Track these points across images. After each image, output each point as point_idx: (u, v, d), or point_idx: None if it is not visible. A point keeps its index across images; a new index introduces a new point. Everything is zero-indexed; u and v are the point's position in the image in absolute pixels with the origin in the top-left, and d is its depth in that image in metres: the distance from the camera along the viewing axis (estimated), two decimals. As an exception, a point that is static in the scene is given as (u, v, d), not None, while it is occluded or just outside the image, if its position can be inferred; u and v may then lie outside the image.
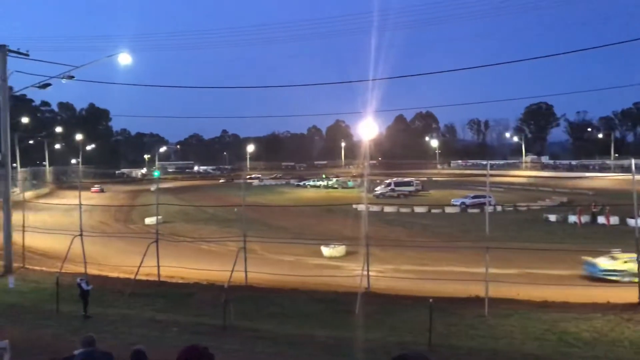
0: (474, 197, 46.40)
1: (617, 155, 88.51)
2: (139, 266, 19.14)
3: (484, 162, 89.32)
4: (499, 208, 42.53)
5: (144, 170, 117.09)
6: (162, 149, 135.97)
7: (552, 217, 38.77)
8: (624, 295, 16.60)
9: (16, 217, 25.15)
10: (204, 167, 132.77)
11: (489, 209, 25.04)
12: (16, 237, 24.34)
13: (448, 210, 46.33)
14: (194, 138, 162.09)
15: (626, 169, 21.41)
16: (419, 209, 46.78)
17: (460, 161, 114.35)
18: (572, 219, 37.55)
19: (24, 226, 25.95)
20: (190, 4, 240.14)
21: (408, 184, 63.91)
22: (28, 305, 17.15)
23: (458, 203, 47.38)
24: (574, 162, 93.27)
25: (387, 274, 21.88)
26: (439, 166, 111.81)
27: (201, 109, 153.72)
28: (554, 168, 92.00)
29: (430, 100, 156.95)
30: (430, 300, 13.20)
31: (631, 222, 20.87)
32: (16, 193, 34.56)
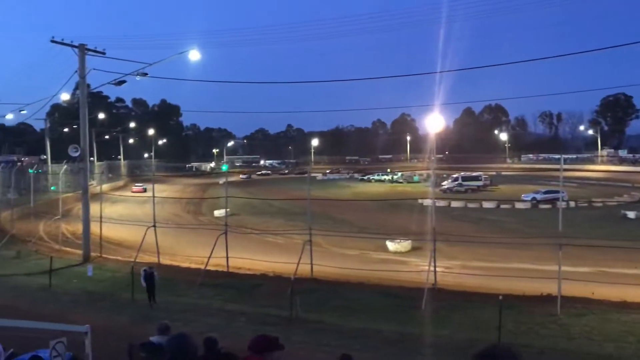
0: (546, 192, 44.80)
1: None
2: (209, 257, 19.69)
3: (557, 156, 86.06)
4: (572, 204, 40.78)
5: (212, 164, 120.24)
6: (230, 144, 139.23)
7: (631, 214, 36.78)
8: None
9: (93, 208, 26.46)
10: (270, 161, 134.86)
11: (562, 204, 24.07)
12: (93, 227, 25.61)
13: (518, 205, 44.90)
14: (260, 132, 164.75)
15: None
16: (487, 205, 45.59)
17: (531, 155, 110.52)
18: (653, 215, 35.52)
19: (101, 217, 27.29)
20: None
21: (476, 178, 62.46)
22: (105, 293, 18.02)
23: (529, 198, 45.85)
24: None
25: (454, 270, 21.48)
26: (508, 160, 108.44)
27: (267, 104, 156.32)
28: (633, 162, 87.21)
29: (500, 92, 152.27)
30: (500, 297, 12.85)
31: None
32: (93, 186, 36.33)
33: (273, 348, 4.69)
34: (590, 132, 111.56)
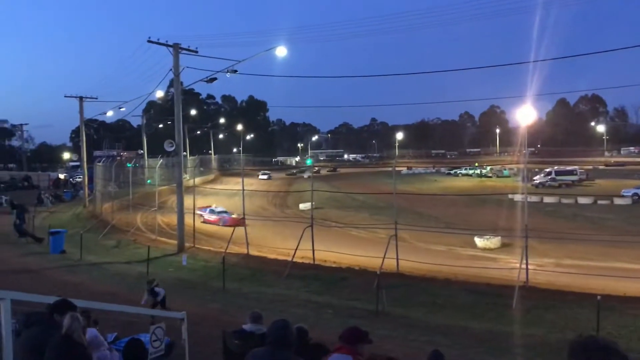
0: (649, 187, 41.84)
1: None
2: (296, 249, 20.07)
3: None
4: (679, 200, 37.87)
5: (297, 159, 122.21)
6: (314, 138, 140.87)
7: None
8: None
9: (187, 201, 27.70)
10: (353, 155, 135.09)
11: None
12: (187, 219, 26.80)
13: (617, 201, 42.20)
14: (344, 127, 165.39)
15: None
16: (583, 200, 43.22)
17: (632, 148, 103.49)
18: None
19: (194, 209, 28.53)
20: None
21: (571, 172, 59.36)
22: (198, 281, 18.83)
23: (629, 194, 42.99)
24: None
25: (546, 268, 20.59)
26: (606, 153, 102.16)
27: (351, 98, 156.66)
28: None
29: (597, 82, 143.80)
30: (598, 297, 12.18)
31: None
32: (186, 179, 37.99)
33: (364, 341, 4.75)
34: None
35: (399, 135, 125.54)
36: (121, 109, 41.98)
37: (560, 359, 2.70)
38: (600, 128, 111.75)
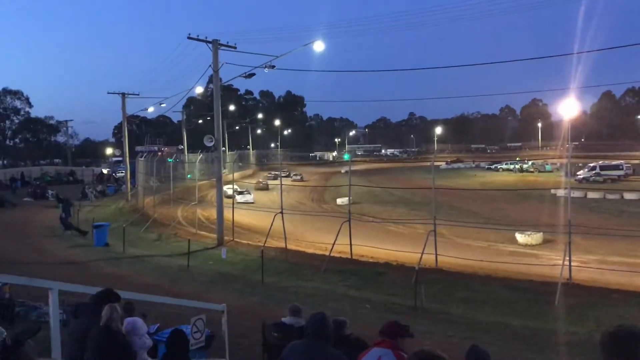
0: (700, 182, 40.19)
1: None
2: (333, 243, 20.10)
3: None
4: None
5: (334, 153, 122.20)
6: (351, 133, 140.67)
7: None
8: None
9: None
10: (391, 150, 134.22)
11: None
12: (226, 213, 27.14)
13: (666, 197, 40.80)
14: (382, 121, 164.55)
15: None
16: (629, 196, 41.87)
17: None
18: None
19: (233, 203, 28.88)
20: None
21: (616, 167, 57.58)
22: (237, 275, 19.06)
23: (679, 189, 41.49)
24: None
25: (590, 265, 20.03)
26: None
27: (389, 92, 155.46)
28: None
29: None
30: (646, 296, 11.82)
31: None
32: (225, 174, 38.43)
33: (404, 334, 4.73)
34: None
35: (438, 130, 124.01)
36: (162, 105, 42.82)
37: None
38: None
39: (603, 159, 63.37)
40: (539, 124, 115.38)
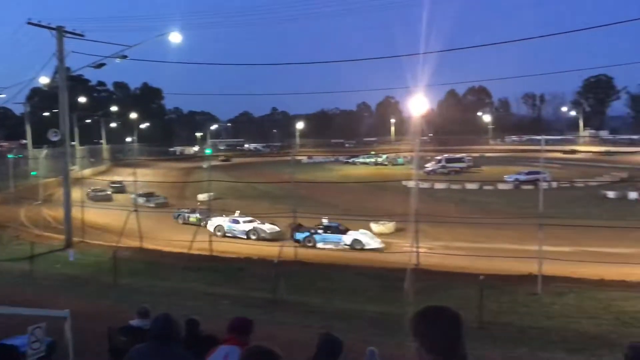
0: (528, 173, 45.13)
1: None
2: (192, 241, 19.65)
3: (539, 138, 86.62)
4: (554, 184, 41.22)
5: (196, 148, 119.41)
6: (213, 127, 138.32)
7: (611, 194, 37.33)
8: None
9: (75, 193, 26.21)
10: (254, 145, 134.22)
11: (543, 185, 24.30)
12: (76, 212, 25.36)
13: (501, 186, 45.31)
14: (244, 116, 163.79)
15: None
16: (470, 186, 45.95)
17: (514, 137, 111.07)
18: (633, 195, 36.08)
19: (82, 202, 27.05)
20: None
21: (459, 160, 62.86)
22: (88, 278, 17.90)
23: (511, 179, 46.31)
24: (635, 137, 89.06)
25: (437, 250, 21.69)
26: (491, 142, 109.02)
27: (252, 87, 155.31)
28: (614, 143, 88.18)
29: (483, 73, 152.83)
30: (481, 277, 12.99)
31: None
32: (75, 170, 35.92)
33: (248, 327, 4.72)
34: (573, 113, 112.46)
35: (300, 125, 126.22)
36: (0, 96, 38.87)
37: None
38: (486, 118, 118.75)
39: (448, 152, 68.70)
40: (392, 120, 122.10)
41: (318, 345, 5.31)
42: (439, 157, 62.57)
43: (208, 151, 76.64)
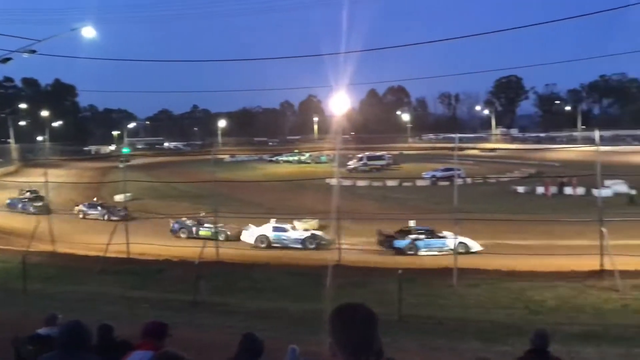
0: (445, 169, 46.78)
1: (583, 127, 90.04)
2: (108, 243, 18.93)
3: (454, 136, 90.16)
4: (468, 180, 43.05)
5: (112, 147, 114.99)
6: (131, 125, 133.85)
7: (521, 189, 39.46)
8: (587, 263, 17.09)
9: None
10: (175, 144, 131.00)
11: (458, 181, 25.33)
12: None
13: (419, 183, 46.76)
14: (164, 114, 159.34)
15: (592, 141, 22.26)
16: (390, 183, 47.07)
17: (431, 135, 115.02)
18: (540, 190, 38.31)
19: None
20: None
21: (380, 157, 64.31)
22: (-6, 285, 16.83)
23: (429, 176, 47.87)
24: (542, 135, 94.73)
25: (358, 246, 22.07)
26: (410, 140, 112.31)
27: (171, 84, 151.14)
28: (523, 140, 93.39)
29: (402, 73, 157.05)
30: (399, 271, 13.37)
31: (596, 192, 21.47)
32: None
33: (166, 334, 4.61)
34: (486, 112, 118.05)
35: (222, 123, 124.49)
36: None
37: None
38: (405, 117, 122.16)
39: (370, 150, 70.07)
40: (315, 119, 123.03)
41: (239, 346, 5.28)
42: (360, 155, 63.70)
43: (125, 150, 74.13)
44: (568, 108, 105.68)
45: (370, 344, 2.31)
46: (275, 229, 24.10)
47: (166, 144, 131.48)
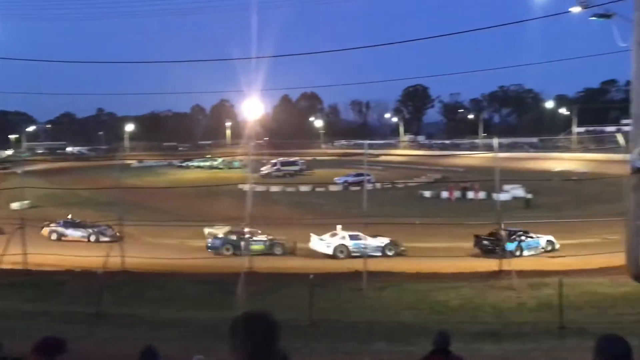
0: (356, 175, 47.73)
1: (485, 134, 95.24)
2: (2, 254, 17.72)
3: (364, 142, 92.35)
4: (378, 185, 44.22)
5: (9, 152, 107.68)
6: (30, 129, 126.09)
7: (427, 193, 41.09)
8: (488, 264, 18.09)
9: None
10: (78, 148, 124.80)
11: (368, 186, 25.97)
12: None
13: (332, 188, 47.42)
14: (66, 117, 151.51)
15: (492, 148, 23.78)
16: (303, 188, 47.45)
17: (343, 141, 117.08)
18: (445, 194, 40.06)
19: None
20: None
21: (293, 163, 64.69)
22: None
23: (341, 181, 48.66)
24: (447, 142, 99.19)
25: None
26: (323, 146, 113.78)
27: (74, 86, 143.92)
28: (429, 147, 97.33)
29: (314, 80, 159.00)
30: (311, 276, 13.49)
31: (495, 196, 22.86)
32: None
33: (62, 350, 4.37)
34: (395, 119, 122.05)
35: (129, 127, 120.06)
36: None
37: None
38: (318, 123, 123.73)
39: (283, 156, 70.27)
40: (228, 124, 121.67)
41: (138, 358, 5.14)
42: (274, 161, 63.70)
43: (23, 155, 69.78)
44: (471, 116, 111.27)
45: (271, 353, 2.32)
46: (352, 237, 23.08)
47: (69, 149, 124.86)
